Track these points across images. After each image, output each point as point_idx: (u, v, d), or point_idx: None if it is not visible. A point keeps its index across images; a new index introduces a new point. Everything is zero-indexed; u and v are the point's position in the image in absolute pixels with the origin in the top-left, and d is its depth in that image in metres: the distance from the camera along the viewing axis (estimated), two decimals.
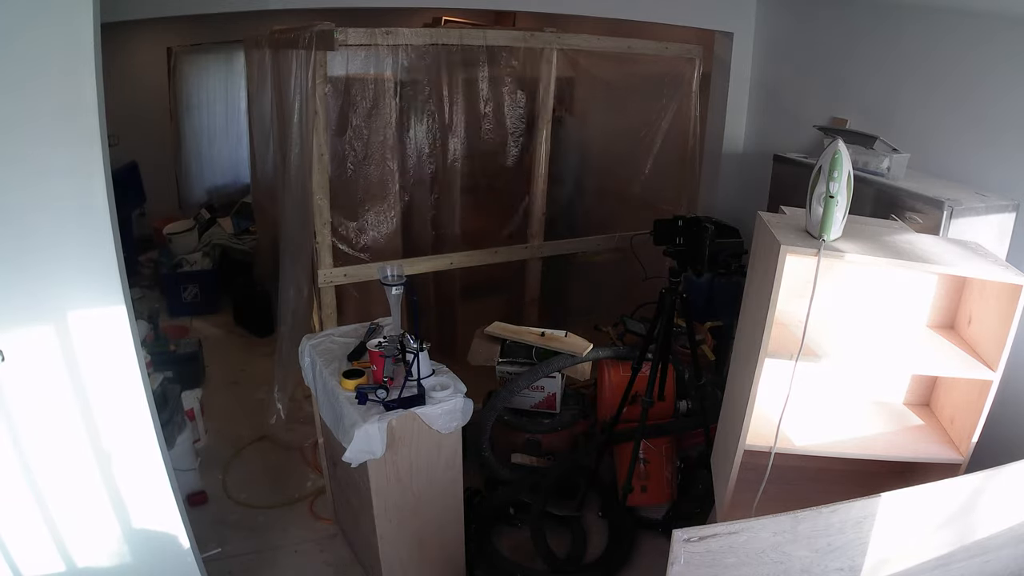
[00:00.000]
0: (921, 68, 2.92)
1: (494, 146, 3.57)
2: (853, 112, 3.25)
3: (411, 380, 2.23)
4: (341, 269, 3.14)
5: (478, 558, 2.67)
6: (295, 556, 2.77)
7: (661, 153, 3.81)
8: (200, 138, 6.18)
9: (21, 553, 1.93)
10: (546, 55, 3.35)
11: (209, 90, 6.11)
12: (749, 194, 3.75)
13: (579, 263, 4.12)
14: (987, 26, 2.63)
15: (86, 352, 1.82)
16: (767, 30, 3.77)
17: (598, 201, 4.21)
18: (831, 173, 1.91)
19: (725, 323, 3.40)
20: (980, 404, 2.03)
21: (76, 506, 1.95)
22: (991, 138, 2.64)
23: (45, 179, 1.67)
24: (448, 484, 2.41)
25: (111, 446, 1.93)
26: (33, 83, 1.60)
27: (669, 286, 2.67)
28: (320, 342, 2.60)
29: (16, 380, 1.76)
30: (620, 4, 3.54)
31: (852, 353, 2.11)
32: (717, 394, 2.85)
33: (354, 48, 2.96)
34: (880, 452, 2.20)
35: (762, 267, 2.08)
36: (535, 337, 3.14)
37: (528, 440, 3.07)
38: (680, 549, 1.67)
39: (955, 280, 2.25)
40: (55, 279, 1.74)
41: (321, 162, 2.95)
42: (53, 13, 1.58)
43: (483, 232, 3.67)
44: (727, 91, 3.91)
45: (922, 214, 2.44)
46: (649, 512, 2.97)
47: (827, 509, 1.72)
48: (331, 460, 2.73)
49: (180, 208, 6.18)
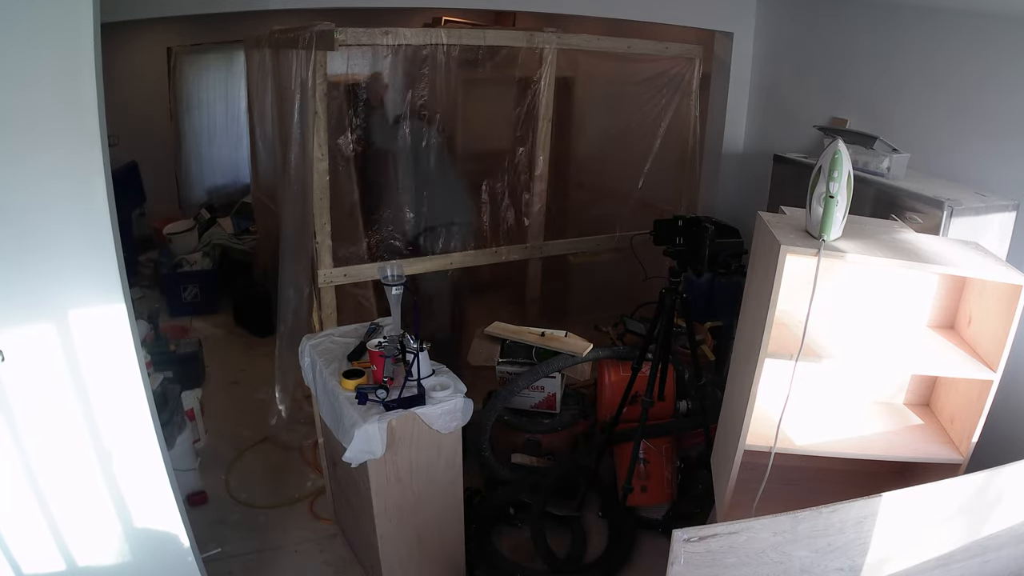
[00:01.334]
0: (921, 68, 2.92)
1: (493, 146, 3.57)
2: (853, 112, 3.25)
3: (411, 380, 2.23)
4: (341, 269, 3.14)
5: (478, 558, 2.67)
6: (295, 556, 2.77)
7: (661, 153, 3.81)
8: (200, 138, 6.18)
9: (21, 553, 1.93)
10: (546, 55, 3.35)
11: (209, 90, 6.10)
12: (749, 194, 3.76)
13: (579, 263, 4.12)
14: (987, 26, 2.63)
15: (86, 352, 1.82)
16: (767, 30, 3.77)
17: (598, 201, 4.21)
18: (831, 173, 1.91)
19: (725, 323, 3.41)
20: (980, 404, 2.03)
21: (76, 506, 1.95)
22: (991, 138, 2.64)
23: (45, 179, 1.67)
24: (448, 484, 2.41)
25: (111, 446, 1.93)
26: (33, 83, 1.60)
27: (669, 286, 2.68)
28: (320, 342, 2.60)
29: (16, 380, 1.76)
30: (620, 4, 3.54)
31: (852, 353, 2.11)
32: (717, 394, 2.85)
33: (354, 48, 2.95)
34: (880, 452, 2.20)
35: (762, 267, 2.08)
36: (535, 337, 3.14)
37: (528, 440, 3.07)
38: (680, 549, 1.67)
39: (955, 280, 2.25)
40: (55, 279, 1.74)
41: (321, 162, 2.95)
42: (53, 13, 1.58)
43: (483, 232, 3.66)
44: (727, 91, 3.91)
45: (922, 214, 2.44)
46: (649, 512, 2.97)
47: (827, 509, 1.72)
48: (331, 460, 2.73)
49: (180, 208, 6.18)
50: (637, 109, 3.79)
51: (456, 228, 3.49)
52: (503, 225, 3.59)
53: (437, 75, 3.14)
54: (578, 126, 4.14)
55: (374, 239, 3.29)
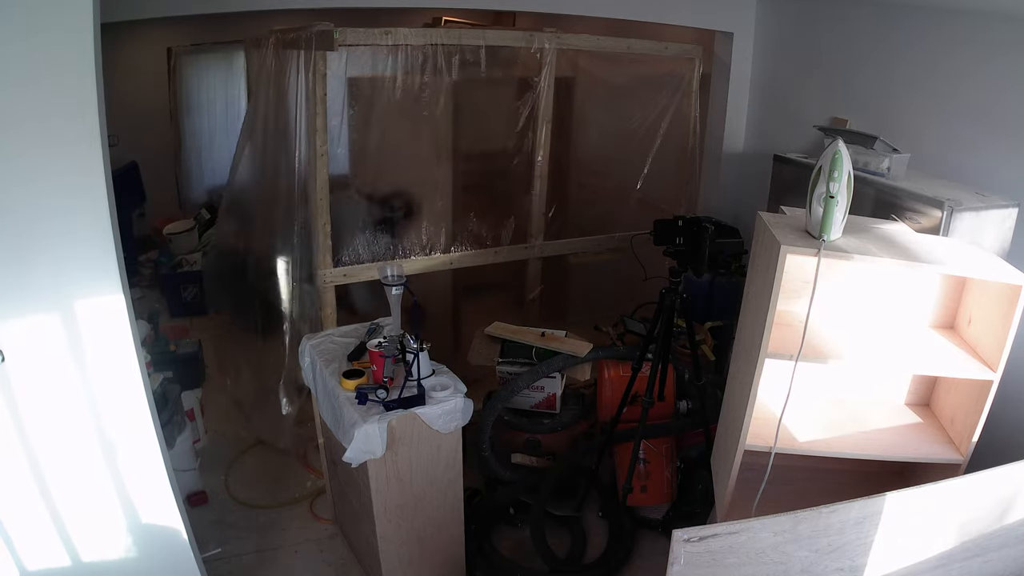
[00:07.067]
0: (922, 68, 2.92)
1: (493, 146, 3.56)
2: (853, 112, 3.25)
3: (411, 380, 2.23)
4: (341, 269, 3.14)
5: (478, 558, 2.67)
6: (295, 556, 2.77)
7: (661, 153, 3.80)
8: (200, 138, 6.17)
9: (23, 554, 1.93)
10: (546, 55, 3.35)
11: (209, 90, 6.10)
12: (749, 194, 3.76)
13: (579, 263, 4.12)
14: (988, 26, 2.63)
15: (87, 352, 1.82)
16: (767, 30, 3.77)
17: (597, 201, 4.20)
18: (831, 173, 1.91)
19: (725, 323, 3.40)
20: (980, 404, 2.03)
21: (77, 507, 1.95)
22: (991, 138, 2.64)
23: (45, 179, 1.67)
24: (448, 484, 2.41)
25: (111, 446, 1.93)
26: (33, 83, 1.60)
27: (669, 286, 2.67)
28: (320, 342, 2.60)
29: (16, 380, 1.76)
30: (620, 4, 3.54)
31: (852, 353, 2.11)
32: (717, 394, 2.85)
33: (353, 48, 2.95)
34: (880, 452, 2.20)
35: (762, 267, 2.08)
36: (535, 337, 3.14)
37: (528, 440, 3.07)
38: (680, 549, 1.67)
39: (955, 280, 2.25)
40: (55, 280, 1.74)
41: (321, 162, 2.95)
42: (53, 13, 1.58)
43: (482, 232, 3.66)
44: (727, 91, 3.91)
45: (922, 214, 2.44)
46: (649, 512, 2.97)
47: (827, 509, 1.72)
48: (331, 460, 2.73)
49: (180, 208, 6.18)
50: (637, 109, 3.79)
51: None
52: (503, 225, 3.59)
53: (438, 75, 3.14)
54: (578, 126, 4.14)
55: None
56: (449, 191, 3.57)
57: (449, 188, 3.58)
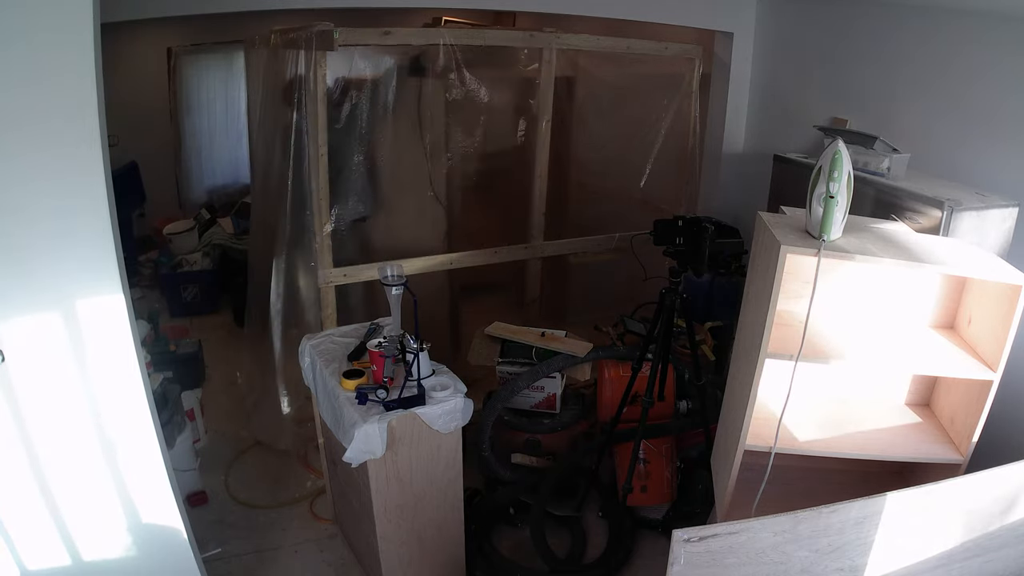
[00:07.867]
0: (922, 68, 2.92)
1: (493, 146, 3.56)
2: (853, 112, 3.25)
3: (411, 380, 2.23)
4: (341, 269, 3.14)
5: (478, 558, 2.67)
6: (295, 556, 2.77)
7: (661, 153, 3.80)
8: (200, 138, 6.18)
9: (24, 554, 1.93)
10: (546, 55, 3.35)
11: (209, 90, 6.10)
12: (749, 194, 3.75)
13: (579, 263, 4.11)
14: (988, 26, 2.63)
15: (87, 352, 1.82)
16: (767, 30, 3.77)
17: (597, 201, 4.20)
18: (831, 173, 1.91)
19: (725, 323, 3.40)
20: (980, 404, 2.03)
21: (77, 507, 1.95)
22: (991, 138, 2.64)
23: (46, 179, 1.67)
24: (448, 484, 2.41)
25: (111, 446, 1.93)
26: (33, 83, 1.60)
27: (669, 286, 2.67)
28: (320, 342, 2.60)
29: (16, 380, 1.76)
30: (620, 4, 3.53)
31: (852, 353, 2.11)
32: (717, 394, 2.85)
33: (353, 48, 2.95)
34: (880, 452, 2.20)
35: (762, 267, 2.08)
36: (535, 337, 3.14)
37: (528, 440, 3.07)
38: (680, 549, 1.67)
39: (955, 280, 2.25)
40: (55, 280, 1.74)
41: (321, 162, 2.95)
42: (53, 13, 1.58)
43: (482, 231, 3.67)
44: (727, 91, 3.91)
45: (922, 214, 2.44)
46: (649, 512, 2.97)
47: (827, 509, 1.72)
48: (331, 460, 2.73)
49: (180, 208, 6.18)
50: (637, 109, 3.79)
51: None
52: (503, 225, 3.59)
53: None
54: (578, 126, 4.13)
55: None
56: (452, 191, 3.58)
57: (453, 188, 3.58)
